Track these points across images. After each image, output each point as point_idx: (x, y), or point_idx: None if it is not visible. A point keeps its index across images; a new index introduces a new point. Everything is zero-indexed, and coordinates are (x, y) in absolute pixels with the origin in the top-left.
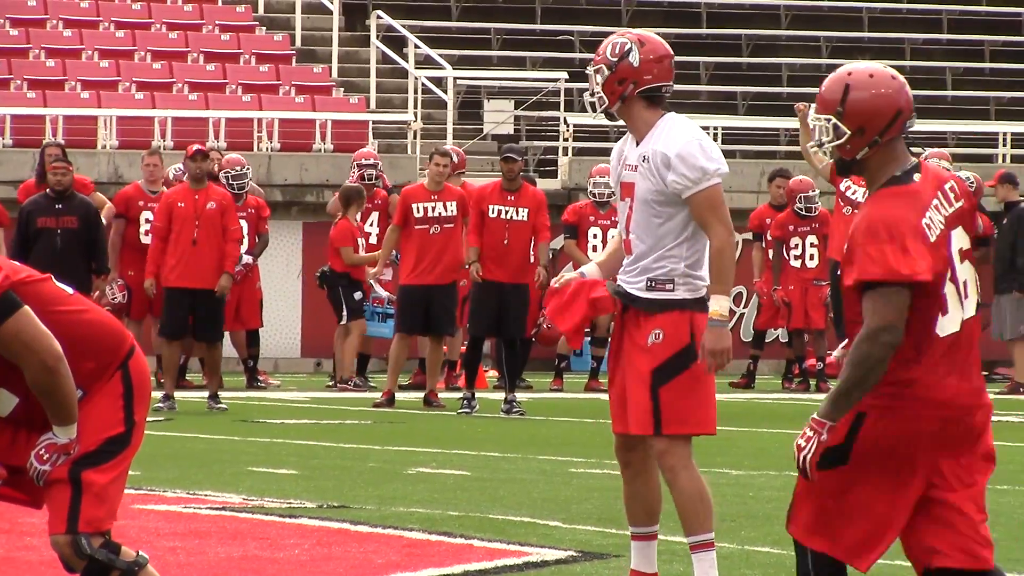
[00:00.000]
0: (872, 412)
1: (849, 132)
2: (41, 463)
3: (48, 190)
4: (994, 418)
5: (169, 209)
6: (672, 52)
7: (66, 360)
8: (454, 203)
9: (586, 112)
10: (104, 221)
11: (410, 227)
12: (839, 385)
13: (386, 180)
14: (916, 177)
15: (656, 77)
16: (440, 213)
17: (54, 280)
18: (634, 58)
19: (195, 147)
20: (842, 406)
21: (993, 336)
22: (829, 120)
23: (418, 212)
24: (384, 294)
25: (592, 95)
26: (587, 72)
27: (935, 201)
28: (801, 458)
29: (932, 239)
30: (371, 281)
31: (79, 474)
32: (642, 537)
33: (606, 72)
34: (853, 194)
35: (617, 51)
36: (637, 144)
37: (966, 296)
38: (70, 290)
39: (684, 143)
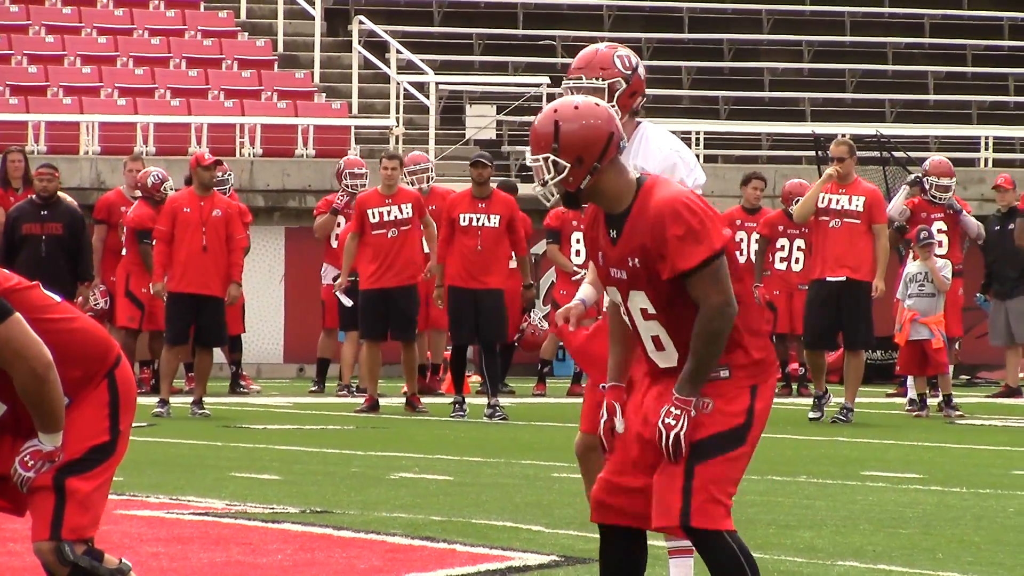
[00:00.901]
0: (758, 382)
1: (569, 165)
2: (25, 470)
3: (33, 196)
4: (976, 422)
5: (173, 214)
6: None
7: (55, 368)
8: (409, 205)
9: None
10: None
11: (367, 233)
12: (695, 364)
13: None
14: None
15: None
16: (395, 216)
17: (42, 288)
18: (642, 71)
19: (207, 155)
20: (700, 382)
21: (992, 342)
22: (548, 158)
23: (373, 217)
24: (349, 303)
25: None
26: (589, 84)
27: None
28: (672, 436)
29: None
30: (336, 293)
31: (63, 481)
32: None
33: (623, 85)
34: (837, 203)
35: (630, 63)
36: None
37: None
38: (57, 298)
39: (663, 158)
